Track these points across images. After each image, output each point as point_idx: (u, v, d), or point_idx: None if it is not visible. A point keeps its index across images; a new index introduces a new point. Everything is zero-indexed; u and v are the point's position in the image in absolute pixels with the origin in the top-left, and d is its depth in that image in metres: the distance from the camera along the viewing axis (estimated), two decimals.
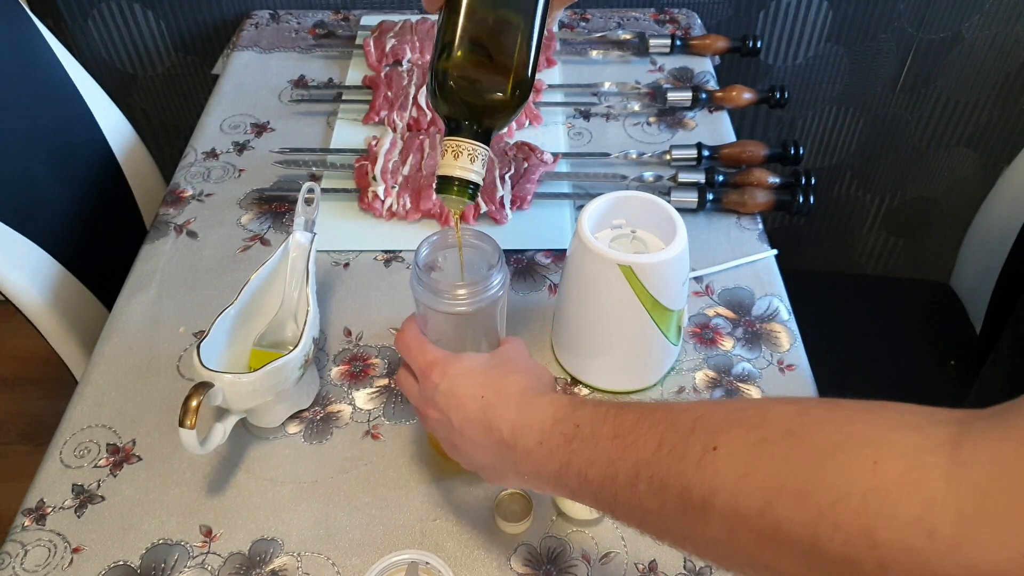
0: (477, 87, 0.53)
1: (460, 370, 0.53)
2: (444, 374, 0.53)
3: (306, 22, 1.19)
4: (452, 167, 0.54)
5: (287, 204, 0.90)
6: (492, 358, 0.55)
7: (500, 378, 0.52)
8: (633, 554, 0.62)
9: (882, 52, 1.33)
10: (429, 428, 0.56)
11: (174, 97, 1.38)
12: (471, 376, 0.53)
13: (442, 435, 0.55)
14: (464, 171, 0.53)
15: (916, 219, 1.59)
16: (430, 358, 0.54)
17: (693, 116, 1.02)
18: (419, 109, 0.98)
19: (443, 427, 0.54)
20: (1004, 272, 1.05)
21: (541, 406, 0.49)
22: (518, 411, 0.50)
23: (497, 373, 0.53)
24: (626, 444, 0.43)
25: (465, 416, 0.51)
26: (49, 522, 0.64)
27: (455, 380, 0.53)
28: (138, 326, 0.79)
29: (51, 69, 1.02)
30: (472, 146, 0.53)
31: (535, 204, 0.90)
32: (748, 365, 0.75)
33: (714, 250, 0.85)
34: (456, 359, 0.54)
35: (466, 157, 0.53)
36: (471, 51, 0.52)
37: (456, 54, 0.52)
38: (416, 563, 0.57)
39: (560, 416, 0.48)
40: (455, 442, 0.53)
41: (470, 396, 0.52)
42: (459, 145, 0.53)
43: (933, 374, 1.08)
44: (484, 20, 0.52)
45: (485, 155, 0.54)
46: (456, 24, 0.52)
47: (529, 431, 0.48)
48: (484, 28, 0.52)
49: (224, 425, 0.64)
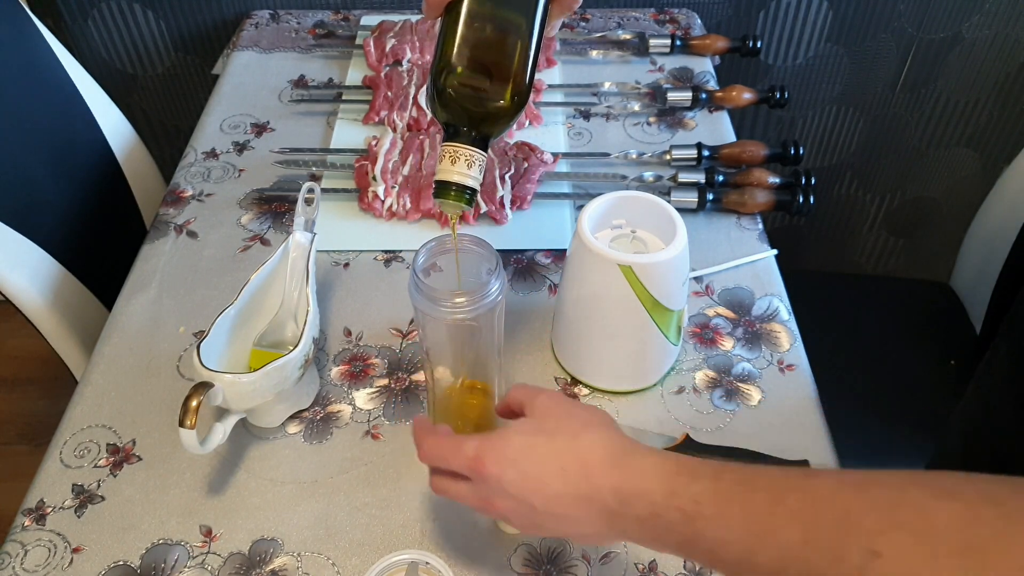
0: (475, 94, 0.53)
1: (517, 451, 0.50)
2: (502, 462, 0.49)
3: (306, 22, 1.19)
4: (450, 172, 0.54)
5: (287, 204, 0.90)
6: (537, 422, 0.51)
7: (571, 444, 0.49)
8: (633, 554, 0.62)
9: (882, 52, 1.33)
10: (499, 518, 0.52)
11: (174, 97, 1.38)
12: (534, 452, 0.49)
13: (522, 521, 0.51)
14: (462, 176, 0.54)
15: (916, 219, 1.59)
16: (471, 453, 0.50)
17: (693, 116, 1.02)
18: (419, 109, 0.98)
19: (522, 514, 0.50)
20: (1004, 272, 1.05)
21: (644, 472, 0.46)
22: (619, 477, 0.47)
23: (562, 440, 0.49)
24: (764, 532, 0.41)
25: (551, 495, 0.48)
26: (49, 522, 0.64)
27: (519, 464, 0.49)
28: (138, 326, 0.79)
29: (51, 69, 1.02)
30: (470, 151, 0.54)
31: (535, 204, 0.90)
32: (748, 365, 0.75)
33: (714, 250, 0.85)
34: (501, 440, 0.50)
35: (463, 162, 0.54)
36: (469, 59, 0.52)
37: (454, 61, 0.52)
38: (416, 563, 0.57)
39: (673, 489, 0.45)
40: (540, 523, 0.50)
41: (549, 473, 0.48)
42: (457, 150, 0.54)
43: (933, 374, 1.08)
44: (483, 28, 0.53)
45: (483, 161, 0.54)
46: (455, 31, 0.52)
47: (638, 501, 0.46)
48: (483, 36, 0.53)
49: (224, 425, 0.64)
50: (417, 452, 0.55)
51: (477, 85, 0.53)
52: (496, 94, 0.53)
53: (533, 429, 0.51)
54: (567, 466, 0.48)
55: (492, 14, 0.53)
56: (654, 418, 0.71)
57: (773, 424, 0.71)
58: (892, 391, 1.06)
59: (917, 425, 1.01)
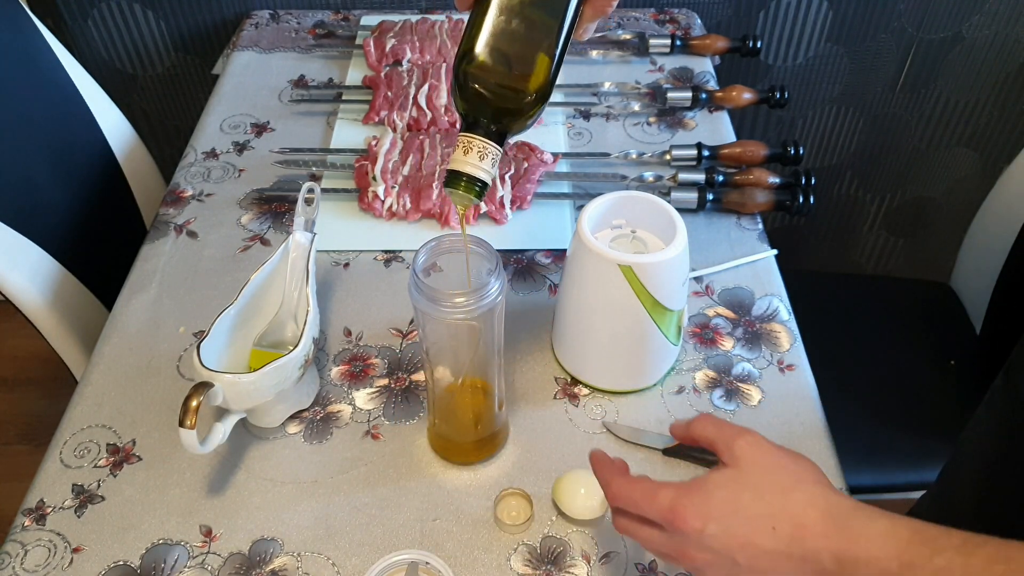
0: (495, 86, 0.53)
1: (722, 507, 0.47)
2: (704, 516, 0.47)
3: (306, 22, 1.19)
4: (461, 162, 0.53)
5: (287, 204, 0.90)
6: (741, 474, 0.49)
7: (782, 502, 0.47)
8: (633, 554, 0.62)
9: (882, 52, 1.33)
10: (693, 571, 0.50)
11: (174, 97, 1.38)
12: (741, 509, 0.47)
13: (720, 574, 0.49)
14: (473, 168, 0.53)
15: (916, 219, 1.59)
16: (667, 504, 0.48)
17: (693, 116, 1.02)
18: (419, 109, 0.98)
19: (723, 567, 0.48)
20: (1004, 272, 1.05)
21: (871, 538, 0.44)
22: (840, 542, 0.44)
23: (772, 497, 0.47)
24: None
25: (759, 552, 0.46)
26: (49, 522, 0.64)
27: (723, 520, 0.47)
28: (138, 326, 0.79)
29: (51, 69, 1.02)
30: (483, 143, 0.53)
31: (535, 204, 0.90)
32: (748, 365, 0.75)
33: (714, 250, 0.85)
34: (702, 494, 0.48)
35: (476, 154, 0.53)
36: (492, 48, 0.52)
37: (477, 50, 0.52)
38: (416, 563, 0.57)
39: (910, 560, 0.42)
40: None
41: (758, 531, 0.46)
42: (471, 141, 0.53)
43: (933, 374, 1.08)
44: (509, 20, 0.53)
45: (496, 155, 0.54)
46: (482, 21, 0.52)
47: (864, 568, 0.43)
48: (508, 27, 0.53)
49: (224, 425, 0.64)
50: (604, 491, 0.52)
51: (498, 76, 0.53)
52: (516, 87, 0.53)
53: (737, 483, 0.48)
54: (779, 526, 0.46)
55: (521, 8, 0.53)
56: (654, 418, 0.71)
57: (773, 424, 0.71)
58: (892, 391, 1.06)
59: (917, 425, 1.01)
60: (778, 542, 0.46)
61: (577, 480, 0.63)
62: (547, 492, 0.66)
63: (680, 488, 0.49)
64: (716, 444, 0.51)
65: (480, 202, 0.55)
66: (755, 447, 0.49)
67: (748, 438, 0.50)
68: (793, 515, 0.46)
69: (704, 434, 0.52)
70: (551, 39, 0.53)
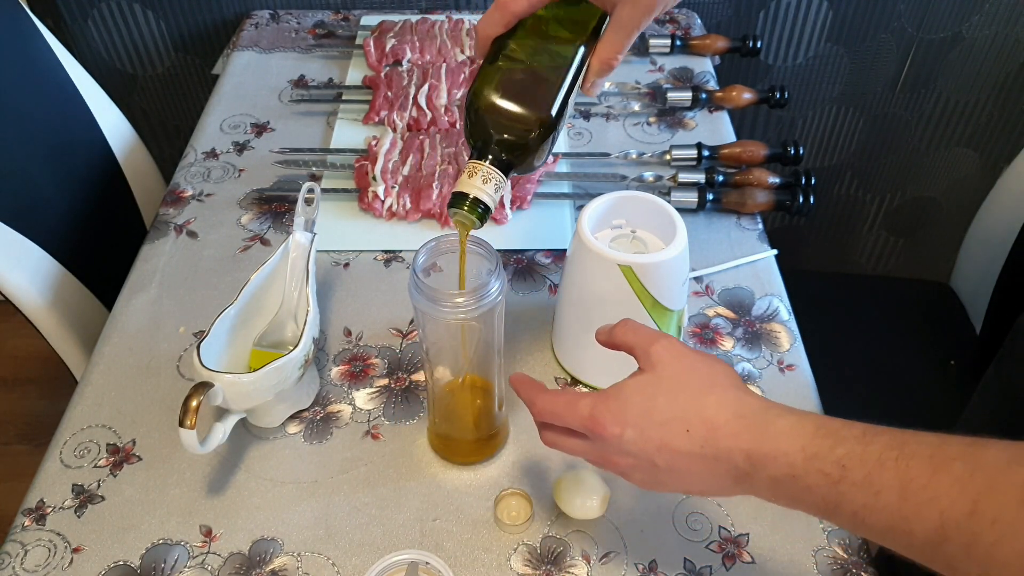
0: (499, 121, 0.56)
1: (637, 412, 0.49)
2: (621, 422, 0.48)
3: (306, 22, 1.19)
4: (465, 185, 0.56)
5: (287, 204, 0.90)
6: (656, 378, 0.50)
7: (695, 404, 0.48)
8: (633, 554, 0.62)
9: (882, 52, 1.33)
10: (617, 474, 0.52)
11: (174, 97, 1.38)
12: (656, 412, 0.48)
13: (642, 477, 0.51)
14: (477, 190, 0.55)
15: (916, 219, 1.59)
16: (587, 412, 0.50)
17: (693, 116, 1.02)
18: (419, 109, 0.98)
19: (643, 470, 0.50)
20: (1004, 272, 1.05)
21: (779, 434, 0.45)
22: (750, 440, 0.46)
23: (685, 400, 0.48)
24: (923, 501, 0.39)
25: (675, 453, 0.47)
26: (49, 522, 0.64)
27: (640, 424, 0.48)
28: (138, 326, 0.79)
29: (51, 69, 1.02)
30: (488, 170, 0.56)
31: (535, 204, 0.90)
32: (748, 365, 0.75)
33: (714, 250, 0.85)
34: (618, 400, 0.49)
35: (479, 178, 0.56)
36: (500, 86, 0.56)
37: (486, 87, 0.56)
38: (416, 563, 0.57)
39: (814, 452, 0.44)
40: (661, 479, 0.50)
41: (672, 433, 0.47)
42: (476, 167, 0.56)
43: (933, 374, 1.08)
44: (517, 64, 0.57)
45: (500, 181, 0.56)
46: (495, 61, 0.57)
47: (773, 463, 0.45)
48: (516, 71, 0.57)
49: (224, 425, 0.64)
50: (529, 409, 0.54)
51: (503, 113, 0.56)
52: (519, 124, 0.56)
53: (652, 387, 0.50)
54: (692, 428, 0.47)
55: (529, 56, 0.57)
56: None
57: None
58: (892, 391, 1.06)
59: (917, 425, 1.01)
60: (692, 443, 0.47)
61: (577, 480, 0.63)
62: (547, 492, 0.66)
63: (598, 396, 0.50)
64: (635, 349, 0.52)
65: (482, 226, 0.57)
66: (670, 351, 0.51)
67: (664, 343, 0.51)
68: (706, 417, 0.47)
69: (624, 339, 0.54)
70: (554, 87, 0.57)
